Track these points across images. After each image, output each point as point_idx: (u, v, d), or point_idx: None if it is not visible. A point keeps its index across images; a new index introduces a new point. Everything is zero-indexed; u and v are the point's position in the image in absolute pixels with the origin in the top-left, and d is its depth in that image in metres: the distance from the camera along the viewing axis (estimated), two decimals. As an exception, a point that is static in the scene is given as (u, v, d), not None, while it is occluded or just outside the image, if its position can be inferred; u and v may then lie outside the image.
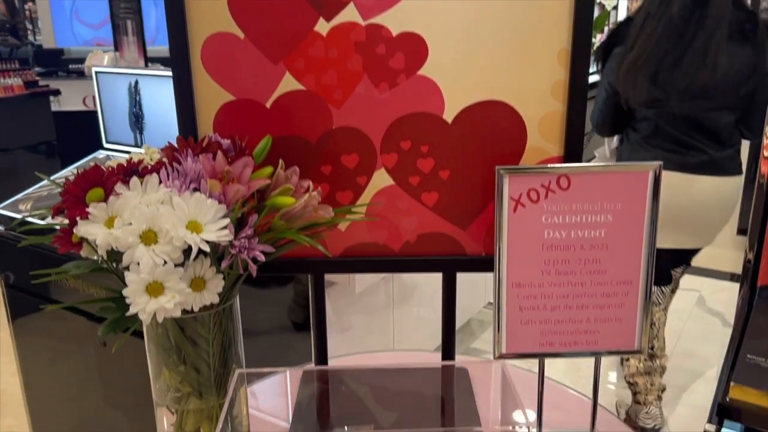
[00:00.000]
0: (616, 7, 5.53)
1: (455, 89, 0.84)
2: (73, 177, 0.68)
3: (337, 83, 0.84)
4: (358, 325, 2.16)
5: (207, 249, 0.65)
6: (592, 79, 1.47)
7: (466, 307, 2.84)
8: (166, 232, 0.64)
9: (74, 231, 0.66)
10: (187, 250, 0.65)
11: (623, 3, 5.42)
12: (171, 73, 0.84)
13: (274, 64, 0.83)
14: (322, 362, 0.97)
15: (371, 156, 0.86)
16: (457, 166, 0.87)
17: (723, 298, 3.25)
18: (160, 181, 0.68)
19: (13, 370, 1.96)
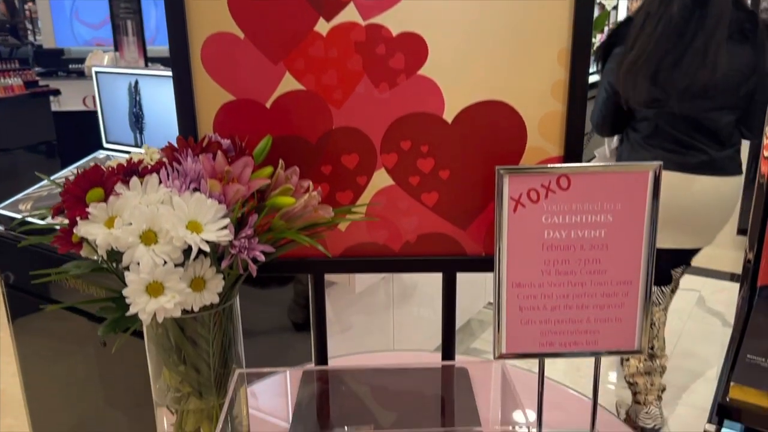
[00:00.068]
0: (616, 7, 5.53)
1: (455, 89, 0.84)
2: (73, 177, 0.68)
3: (337, 83, 0.84)
4: (358, 326, 2.16)
5: (207, 249, 0.65)
6: (592, 79, 1.47)
7: (466, 307, 2.84)
8: (166, 232, 0.64)
9: (74, 231, 0.66)
10: (187, 250, 0.65)
11: (623, 3, 5.42)
12: (171, 73, 0.84)
13: (274, 64, 0.83)
14: (322, 362, 0.97)
15: (371, 156, 0.86)
16: (457, 166, 0.87)
17: (723, 298, 3.25)
18: (160, 181, 0.68)
19: (13, 370, 1.96)
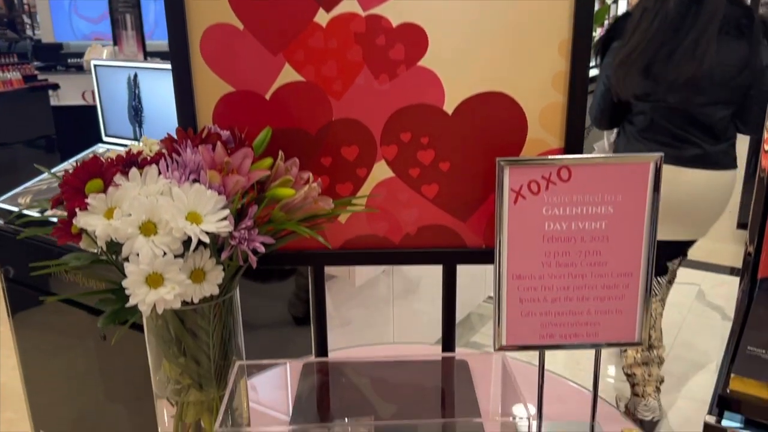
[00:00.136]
0: (616, 1, 5.52)
1: (455, 80, 0.84)
2: (72, 169, 0.68)
3: (337, 74, 0.83)
4: (358, 319, 2.16)
5: (207, 240, 0.65)
6: (591, 72, 1.47)
7: (466, 301, 2.84)
8: (166, 223, 0.64)
9: (73, 222, 0.66)
10: (186, 242, 0.65)
11: (623, -3, 5.40)
12: (170, 67, 0.83)
13: (273, 56, 0.83)
14: (323, 354, 0.97)
15: (371, 148, 0.86)
16: (458, 157, 0.86)
17: (723, 291, 3.25)
18: (160, 173, 0.68)
19: (13, 364, 1.96)
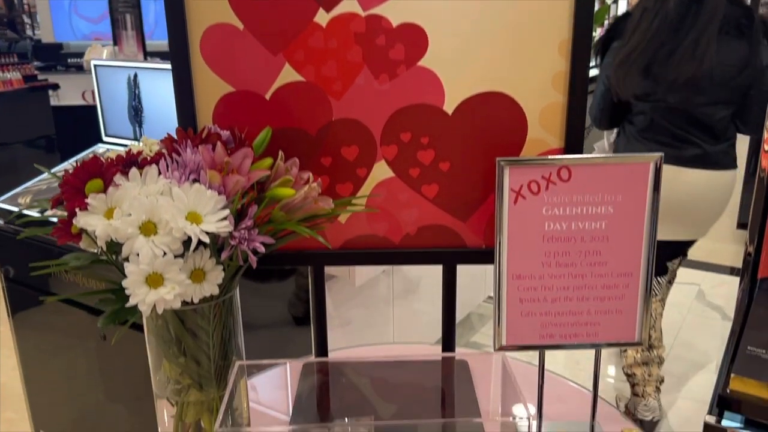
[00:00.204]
0: (616, 1, 5.52)
1: (455, 80, 0.84)
2: (72, 169, 0.68)
3: (337, 75, 0.83)
4: (358, 319, 2.16)
5: (207, 240, 0.65)
6: (591, 72, 1.47)
7: (466, 301, 2.84)
8: (166, 223, 0.64)
9: (73, 222, 0.66)
10: (186, 242, 0.65)
11: (623, -3, 5.40)
12: (170, 66, 0.83)
13: (273, 56, 0.83)
14: (323, 354, 0.97)
15: (371, 148, 0.86)
16: (458, 157, 0.86)
17: (723, 291, 3.25)
18: (160, 173, 0.68)
19: (14, 364, 1.96)
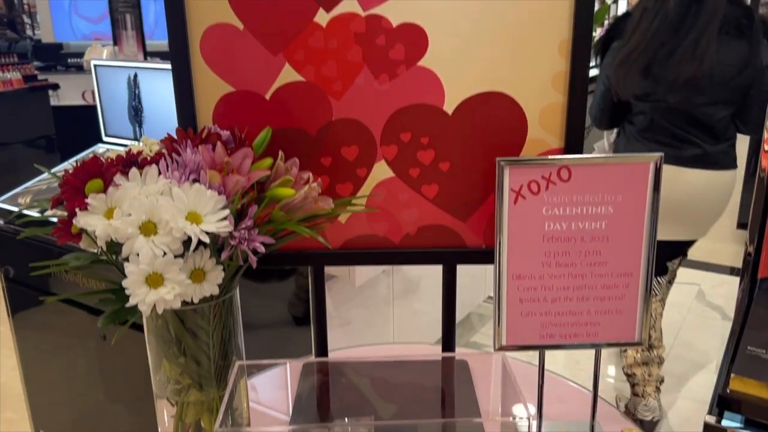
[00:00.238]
0: (616, 1, 5.52)
1: (455, 80, 0.84)
2: (72, 169, 0.68)
3: (337, 75, 0.83)
4: (358, 320, 2.16)
5: (207, 240, 0.65)
6: (591, 72, 1.47)
7: (466, 301, 2.84)
8: (166, 223, 0.64)
9: (73, 222, 0.66)
10: (186, 242, 0.65)
11: (623, -3, 5.40)
12: (170, 66, 0.83)
13: (273, 56, 0.83)
14: (323, 354, 0.97)
15: (371, 148, 0.86)
16: (458, 157, 0.86)
17: (723, 292, 3.25)
18: (160, 173, 0.68)
19: (14, 364, 1.96)
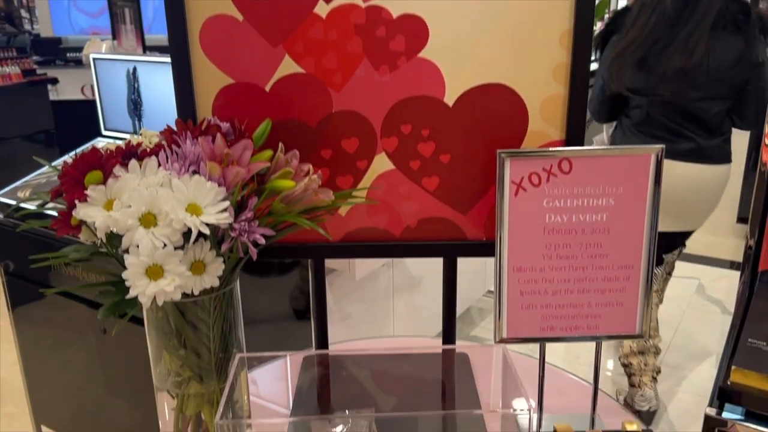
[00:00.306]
0: (616, -5, 5.51)
1: (456, 72, 0.83)
2: (72, 161, 0.68)
3: (337, 66, 0.83)
4: (358, 313, 2.16)
5: (207, 232, 0.65)
6: (592, 66, 1.47)
7: (466, 295, 2.84)
8: (166, 215, 0.64)
9: (73, 214, 0.66)
10: (186, 233, 0.65)
11: (624, -9, 5.38)
12: (169, 60, 0.83)
13: (273, 47, 0.82)
14: (323, 347, 0.97)
15: (371, 140, 0.86)
16: (458, 150, 0.86)
17: (723, 285, 3.26)
18: (159, 164, 0.68)
19: (14, 359, 1.96)
